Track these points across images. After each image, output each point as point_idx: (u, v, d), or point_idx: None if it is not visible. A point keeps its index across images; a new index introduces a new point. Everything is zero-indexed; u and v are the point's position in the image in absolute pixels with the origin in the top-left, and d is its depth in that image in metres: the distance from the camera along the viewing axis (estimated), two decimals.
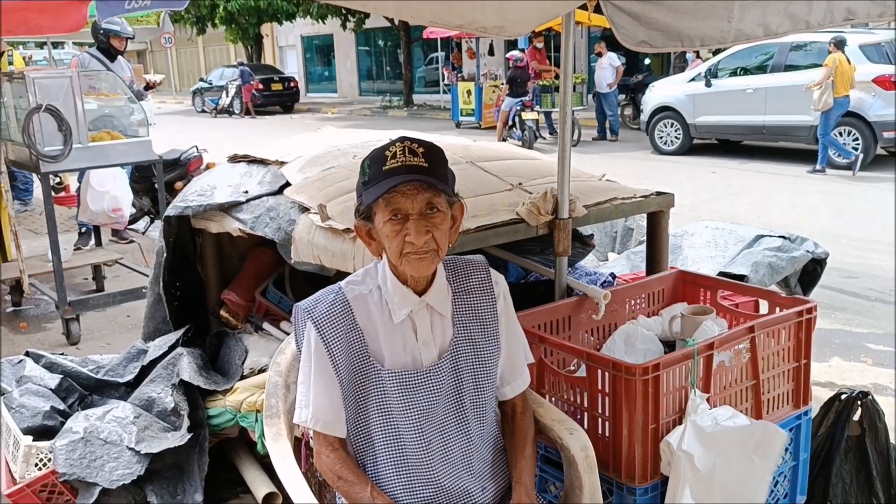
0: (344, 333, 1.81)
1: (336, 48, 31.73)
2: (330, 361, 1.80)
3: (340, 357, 1.80)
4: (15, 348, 4.85)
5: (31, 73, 4.98)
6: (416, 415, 1.81)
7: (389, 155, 1.72)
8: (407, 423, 1.81)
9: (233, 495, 3.18)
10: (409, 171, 1.69)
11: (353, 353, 1.81)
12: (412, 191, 1.70)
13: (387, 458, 1.83)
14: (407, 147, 1.73)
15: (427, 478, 1.82)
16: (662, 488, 2.16)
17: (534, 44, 15.36)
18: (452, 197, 1.78)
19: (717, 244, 4.25)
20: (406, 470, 1.82)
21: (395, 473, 1.82)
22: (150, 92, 7.40)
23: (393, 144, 1.74)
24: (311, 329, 1.82)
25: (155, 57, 43.34)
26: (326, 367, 1.81)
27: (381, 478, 1.83)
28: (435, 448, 1.82)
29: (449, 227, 1.79)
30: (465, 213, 1.88)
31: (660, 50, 2.66)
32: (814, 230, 7.07)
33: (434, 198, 1.73)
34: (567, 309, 2.65)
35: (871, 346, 4.67)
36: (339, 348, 1.80)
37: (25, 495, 2.77)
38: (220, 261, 3.65)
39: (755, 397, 2.39)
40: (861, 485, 2.74)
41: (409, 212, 1.71)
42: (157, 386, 3.12)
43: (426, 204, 1.72)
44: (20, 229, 5.50)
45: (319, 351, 1.81)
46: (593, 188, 3.08)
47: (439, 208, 1.74)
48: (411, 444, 1.81)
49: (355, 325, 1.82)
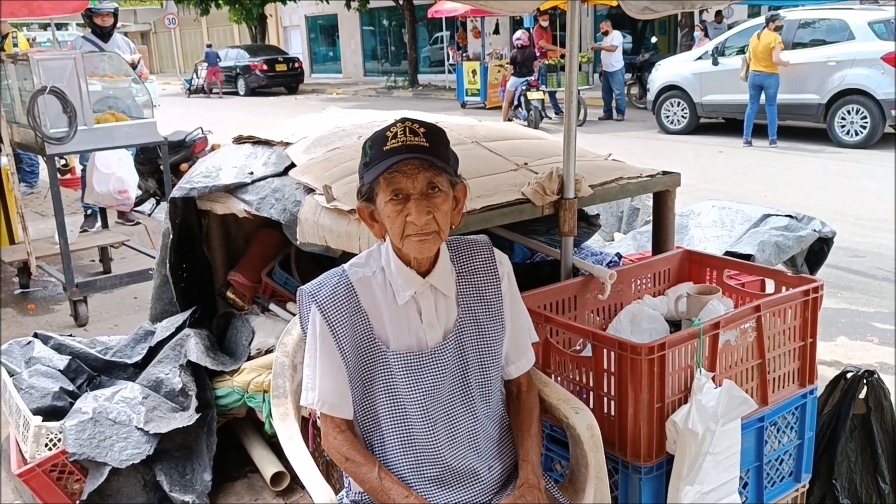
0: (349, 316, 1.81)
1: (340, 28, 31.57)
2: (335, 344, 1.81)
3: (345, 339, 1.81)
4: (23, 330, 4.89)
5: (35, 55, 4.97)
6: (422, 395, 1.82)
7: (390, 135, 1.72)
8: (413, 403, 1.82)
9: (241, 474, 3.21)
10: (410, 150, 1.69)
11: (358, 335, 1.81)
12: (413, 170, 1.70)
13: (394, 439, 1.84)
14: (408, 127, 1.72)
15: (434, 458, 1.83)
16: (668, 467, 2.17)
17: (539, 22, 15.26)
18: (454, 177, 1.78)
19: (724, 224, 4.24)
20: (413, 450, 1.83)
21: (402, 454, 1.83)
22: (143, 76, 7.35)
23: (394, 125, 1.74)
24: (316, 312, 1.83)
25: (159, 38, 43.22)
26: (332, 349, 1.81)
27: (388, 458, 1.84)
28: (441, 428, 1.83)
29: (451, 208, 1.78)
30: (469, 193, 1.87)
31: (661, 14, 2.64)
32: (821, 209, 7.04)
33: (435, 177, 1.72)
34: (573, 289, 2.65)
35: (877, 326, 4.67)
36: (344, 331, 1.81)
37: (36, 475, 2.80)
38: (226, 242, 3.66)
39: (761, 376, 2.39)
40: (866, 463, 2.74)
41: (409, 192, 1.71)
42: (165, 367, 3.14)
43: (427, 184, 1.71)
44: (26, 211, 5.51)
45: (324, 334, 1.82)
46: (599, 168, 3.07)
47: (440, 188, 1.73)
48: (418, 424, 1.82)
49: (360, 308, 1.82)
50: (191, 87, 27.24)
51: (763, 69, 10.83)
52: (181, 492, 2.89)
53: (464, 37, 22.49)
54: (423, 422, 1.82)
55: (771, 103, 10.96)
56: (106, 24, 6.86)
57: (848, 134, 10.64)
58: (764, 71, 10.84)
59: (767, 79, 10.86)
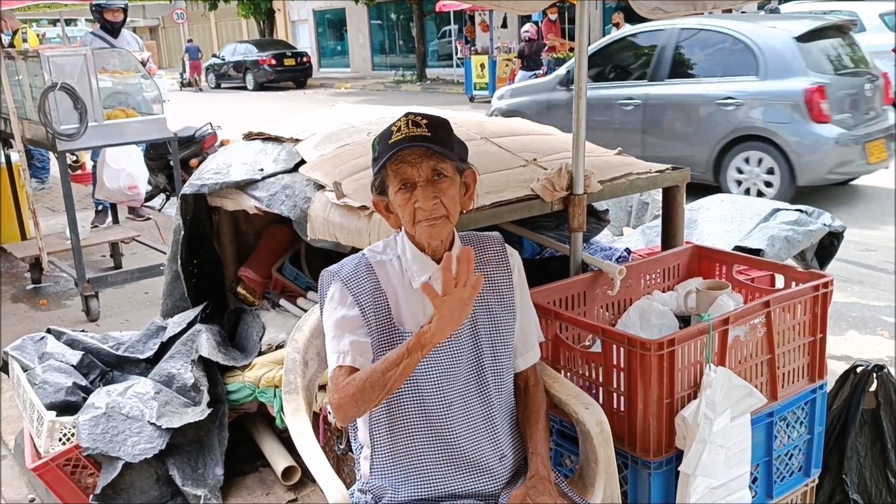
0: (370, 292, 1.86)
1: (348, 22, 31.54)
2: (359, 311, 1.84)
3: (369, 310, 1.85)
4: (36, 325, 4.93)
5: (45, 51, 4.99)
6: (438, 378, 1.85)
7: (395, 129, 1.80)
8: (429, 386, 1.84)
9: (252, 469, 3.23)
10: (413, 140, 1.76)
11: (378, 312, 1.85)
12: (416, 159, 1.77)
13: (410, 421, 1.86)
14: (410, 120, 1.80)
15: (449, 442, 1.85)
16: (677, 462, 2.17)
17: (548, 16, 15.20)
18: (460, 164, 1.84)
19: (733, 218, 4.23)
20: (428, 433, 1.85)
21: (418, 436, 1.85)
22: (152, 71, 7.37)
23: (398, 120, 1.82)
24: (340, 286, 1.87)
25: (167, 33, 43.26)
26: (356, 316, 1.84)
27: (403, 440, 1.86)
28: (457, 413, 1.86)
29: (461, 193, 1.86)
30: (479, 185, 1.93)
31: (673, 15, 2.64)
32: (831, 203, 7.01)
33: (439, 164, 1.79)
34: (582, 284, 2.65)
35: (887, 320, 4.65)
36: (367, 303, 1.85)
37: (50, 469, 2.83)
38: (236, 238, 3.68)
39: (770, 372, 2.39)
40: (876, 458, 2.74)
41: (415, 179, 1.78)
42: (177, 362, 3.16)
43: (431, 170, 1.79)
44: (38, 207, 5.54)
45: (350, 304, 1.84)
46: (608, 163, 3.07)
47: (446, 174, 1.80)
48: (434, 407, 1.85)
49: (379, 287, 1.87)
50: (182, 81, 28.56)
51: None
52: (193, 486, 2.91)
53: (472, 30, 22.42)
54: (440, 405, 1.85)
55: None
56: (116, 19, 6.87)
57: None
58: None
59: None
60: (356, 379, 1.75)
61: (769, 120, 7.04)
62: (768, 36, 7.28)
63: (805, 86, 6.87)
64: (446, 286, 1.61)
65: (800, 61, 7.00)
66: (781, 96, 6.99)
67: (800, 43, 7.08)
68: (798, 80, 6.94)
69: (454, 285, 1.60)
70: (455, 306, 1.62)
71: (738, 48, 7.32)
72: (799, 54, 7.03)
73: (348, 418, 1.81)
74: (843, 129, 6.93)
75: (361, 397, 1.72)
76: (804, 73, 6.97)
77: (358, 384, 1.73)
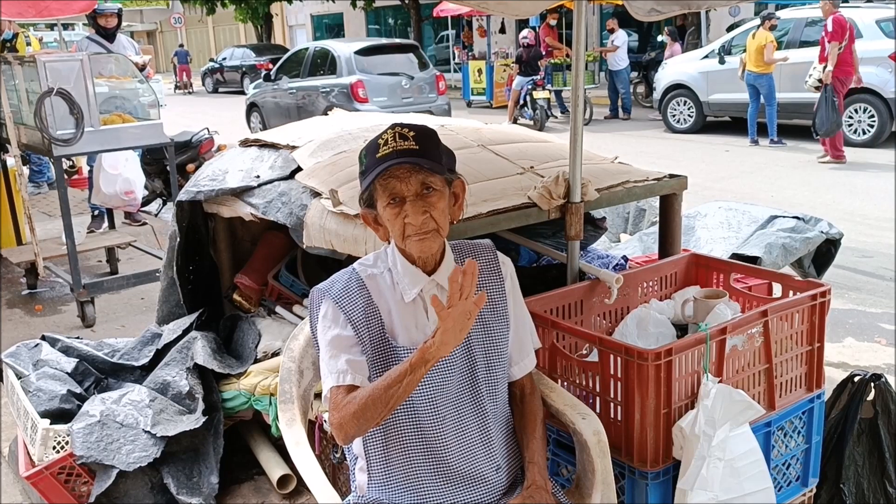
0: (362, 309, 1.84)
1: (346, 27, 31.53)
2: (353, 330, 1.83)
3: (361, 327, 1.83)
4: (31, 331, 4.91)
5: (42, 56, 4.98)
6: (431, 392, 1.83)
7: (382, 142, 1.78)
8: (422, 399, 1.83)
9: (248, 477, 3.22)
10: (400, 154, 1.75)
11: (371, 327, 1.84)
12: (405, 174, 1.76)
13: (403, 436, 1.84)
14: (398, 133, 1.78)
15: (442, 455, 1.84)
16: (674, 472, 2.16)
17: (548, 20, 15.22)
18: (449, 175, 1.83)
19: (731, 225, 4.23)
20: (422, 447, 1.84)
21: (412, 450, 1.84)
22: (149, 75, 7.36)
23: (385, 132, 1.80)
24: (331, 305, 1.85)
25: (165, 37, 43.29)
26: (350, 335, 1.83)
27: (397, 455, 1.85)
28: (450, 426, 1.84)
29: (450, 204, 1.84)
30: (476, 193, 1.91)
31: (668, 15, 2.64)
32: (829, 209, 7.02)
33: (427, 178, 1.78)
34: (579, 293, 2.64)
35: (885, 327, 4.65)
36: (359, 319, 1.84)
37: (44, 477, 2.82)
38: (232, 245, 3.67)
39: (768, 381, 2.38)
40: (874, 467, 2.73)
41: (405, 194, 1.77)
42: (172, 369, 3.15)
43: (420, 185, 1.77)
44: (34, 212, 5.53)
45: (342, 323, 1.83)
46: (605, 171, 3.07)
47: (434, 188, 1.79)
48: (427, 421, 1.83)
49: (371, 302, 1.86)
50: (176, 84, 29.58)
51: (755, 69, 10.68)
52: (188, 494, 2.89)
53: (469, 36, 22.45)
54: (433, 419, 1.83)
55: (769, 103, 10.83)
56: (110, 24, 6.87)
57: (855, 133, 10.58)
58: (755, 71, 10.68)
59: (759, 79, 10.72)
60: (357, 397, 1.73)
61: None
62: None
63: None
64: (452, 298, 1.60)
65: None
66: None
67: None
68: None
69: (458, 297, 1.60)
70: (459, 319, 1.61)
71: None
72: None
73: (349, 437, 1.78)
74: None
75: (363, 415, 1.71)
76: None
77: (359, 402, 1.71)
